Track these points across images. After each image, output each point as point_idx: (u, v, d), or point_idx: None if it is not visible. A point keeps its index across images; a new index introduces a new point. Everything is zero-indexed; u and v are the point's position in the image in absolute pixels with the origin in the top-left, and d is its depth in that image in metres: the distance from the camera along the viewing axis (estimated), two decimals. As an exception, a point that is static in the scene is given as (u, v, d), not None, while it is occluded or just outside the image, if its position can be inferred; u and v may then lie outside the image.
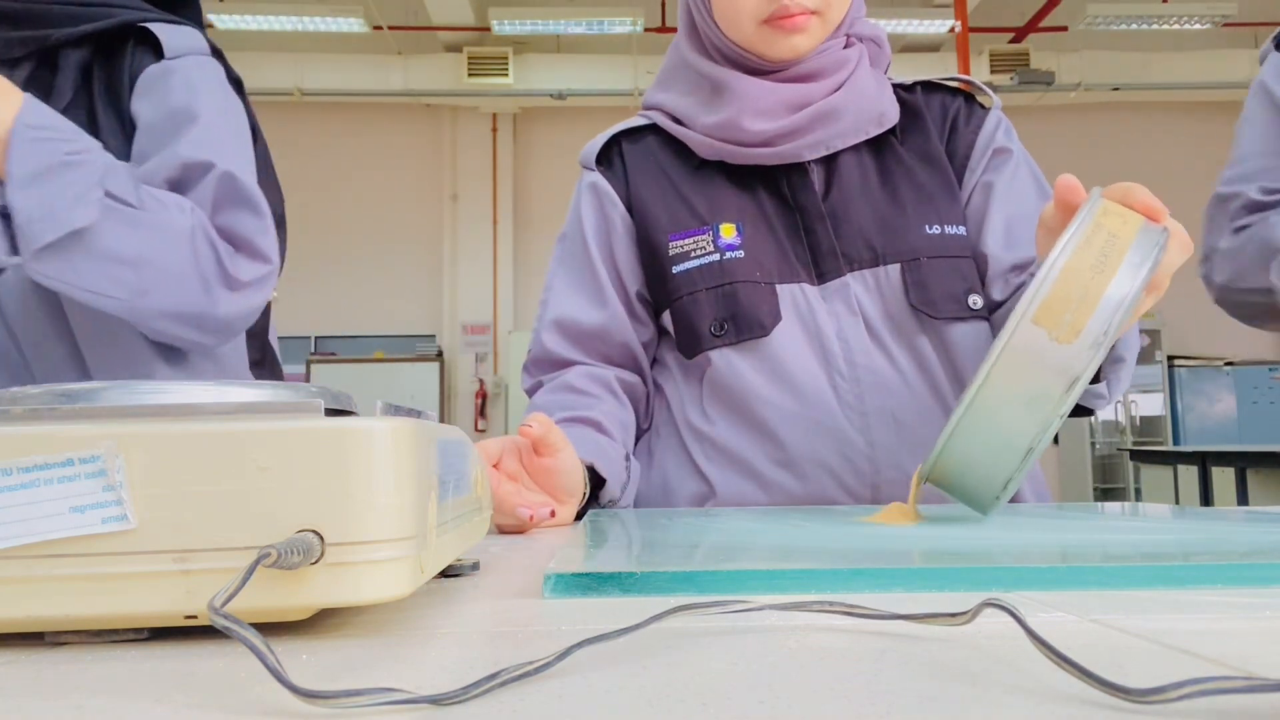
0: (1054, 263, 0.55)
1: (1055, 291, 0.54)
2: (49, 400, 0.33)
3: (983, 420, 0.56)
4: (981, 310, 0.92)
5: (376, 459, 0.31)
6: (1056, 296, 0.54)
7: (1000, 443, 0.56)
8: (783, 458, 0.88)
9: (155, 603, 0.30)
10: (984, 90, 1.00)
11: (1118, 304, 0.54)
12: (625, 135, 1.02)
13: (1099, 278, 0.54)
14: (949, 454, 0.58)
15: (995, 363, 0.54)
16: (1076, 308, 0.54)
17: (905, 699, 0.24)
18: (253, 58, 7.97)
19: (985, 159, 0.96)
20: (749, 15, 0.89)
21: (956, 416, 0.56)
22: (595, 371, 0.96)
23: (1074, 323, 0.53)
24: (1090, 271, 0.54)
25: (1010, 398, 0.55)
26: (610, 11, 7.43)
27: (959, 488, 0.60)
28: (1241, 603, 0.36)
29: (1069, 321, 0.53)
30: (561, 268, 1.01)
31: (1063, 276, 0.54)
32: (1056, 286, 0.54)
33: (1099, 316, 0.53)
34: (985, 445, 0.56)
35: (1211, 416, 7.77)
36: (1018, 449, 0.55)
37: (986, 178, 0.95)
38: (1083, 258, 0.55)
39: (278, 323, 1.25)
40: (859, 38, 0.97)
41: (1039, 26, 7.93)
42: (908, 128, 0.97)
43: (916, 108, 0.98)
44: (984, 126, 0.97)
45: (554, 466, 0.75)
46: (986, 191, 0.95)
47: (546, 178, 8.52)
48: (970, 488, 0.59)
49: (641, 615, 0.31)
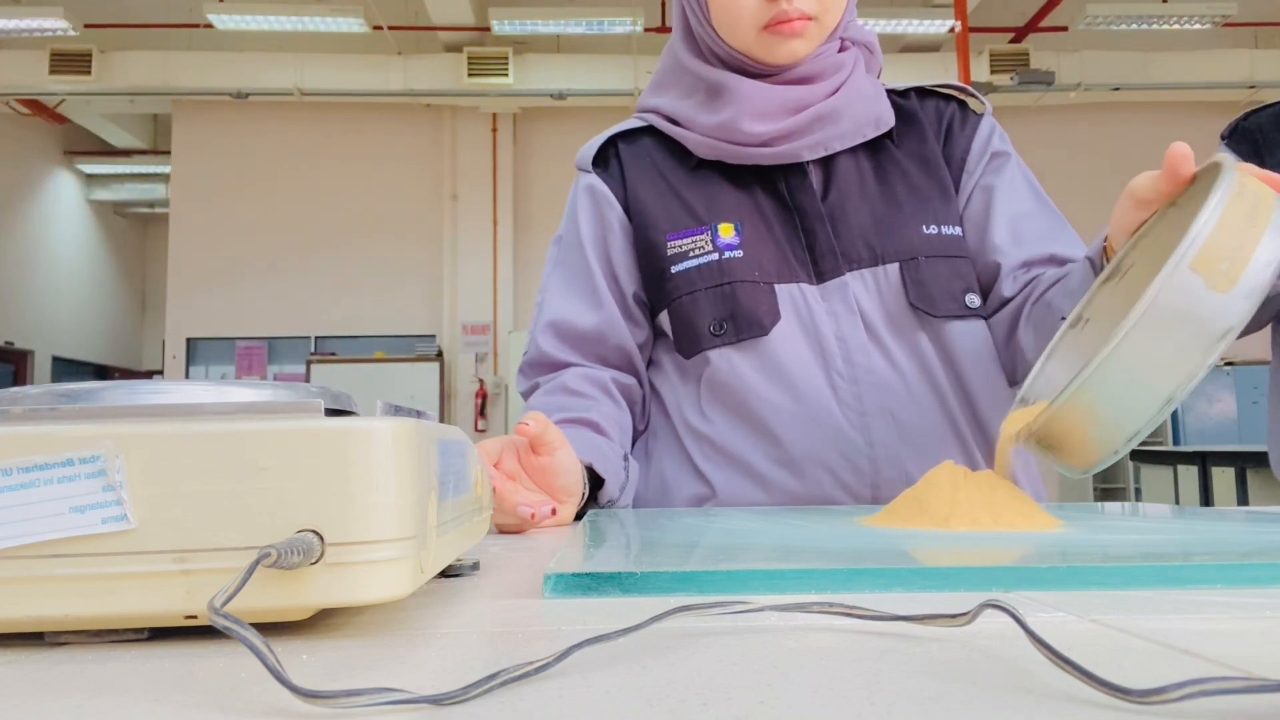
0: (1211, 212, 0.54)
1: (1213, 239, 0.54)
2: (49, 400, 0.33)
3: (1131, 360, 0.54)
4: (978, 310, 0.93)
5: (376, 459, 0.31)
6: (1214, 244, 0.54)
7: (1142, 387, 0.54)
8: (782, 456, 0.88)
9: (155, 603, 0.30)
10: (975, 96, 1.01)
11: (1270, 259, 0.54)
12: (621, 137, 1.02)
13: (1252, 231, 0.54)
14: (1083, 395, 0.56)
15: (1152, 303, 0.53)
16: (1233, 257, 0.53)
17: (905, 699, 0.24)
18: (253, 58, 7.98)
19: (983, 162, 0.97)
20: (748, 21, 0.90)
21: (1101, 357, 0.54)
22: (591, 373, 0.96)
23: (1230, 272, 0.53)
24: (1244, 224, 0.54)
25: (1161, 339, 0.54)
26: (610, 11, 7.43)
27: (1076, 438, 0.58)
28: (1241, 603, 0.36)
29: (1225, 271, 0.53)
30: (557, 270, 1.01)
31: (1220, 225, 0.54)
32: (1214, 235, 0.54)
33: (1253, 268, 0.53)
34: (1126, 388, 0.55)
35: (1211, 416, 7.77)
36: (1159, 395, 0.54)
37: (986, 180, 0.97)
38: (1236, 210, 0.55)
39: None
40: (853, 42, 0.98)
41: (1039, 26, 7.93)
42: (903, 131, 0.98)
43: (911, 112, 1.00)
44: (979, 131, 0.99)
45: (552, 465, 0.75)
46: (988, 193, 0.96)
47: (546, 178, 8.53)
48: (1092, 438, 0.57)
49: (641, 615, 0.31)
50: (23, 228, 9.82)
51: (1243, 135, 1.63)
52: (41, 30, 7.32)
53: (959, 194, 0.97)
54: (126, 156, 10.49)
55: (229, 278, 8.63)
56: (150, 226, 11.88)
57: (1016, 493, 0.60)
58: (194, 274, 8.63)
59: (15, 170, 9.67)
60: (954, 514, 0.58)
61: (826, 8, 0.91)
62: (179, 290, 8.70)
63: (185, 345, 8.67)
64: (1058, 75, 7.75)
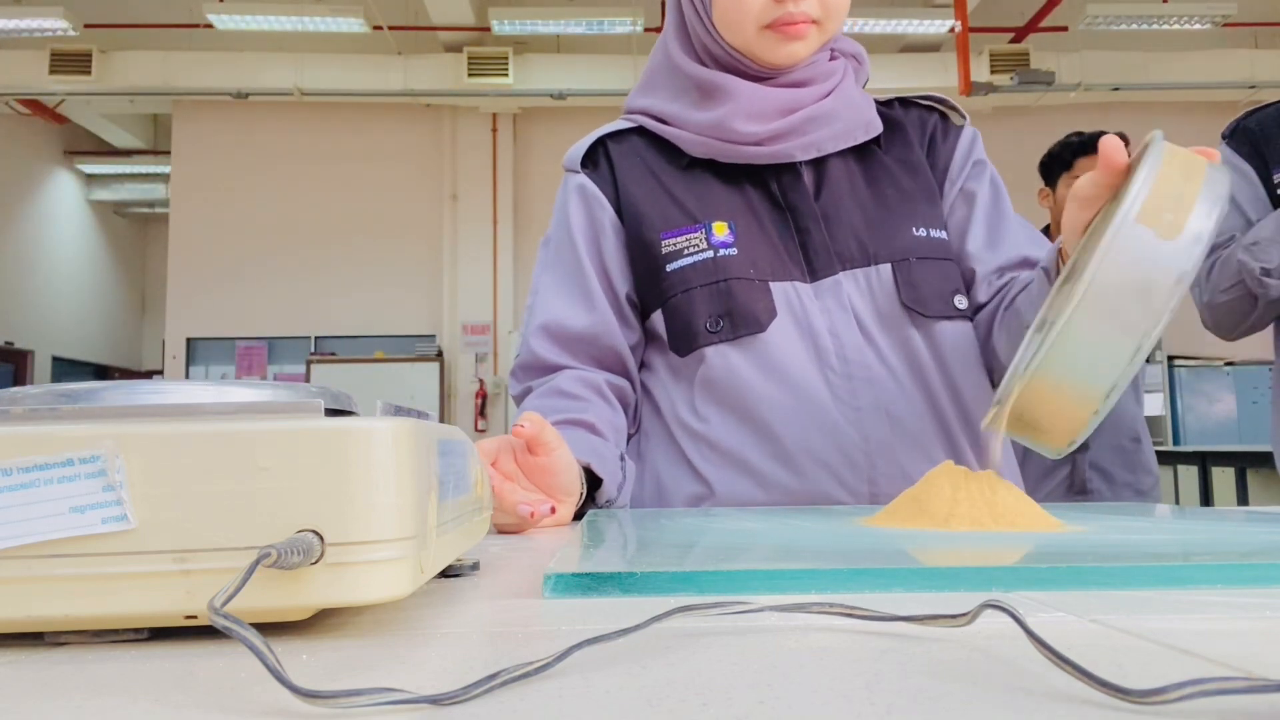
0: (1149, 170, 0.58)
1: (1154, 193, 0.57)
2: (49, 400, 0.33)
3: (1097, 312, 0.56)
4: (966, 311, 0.95)
5: (376, 459, 0.31)
6: (1156, 197, 0.57)
7: (1111, 338, 0.56)
8: (779, 453, 0.89)
9: (155, 603, 0.30)
10: (956, 109, 1.04)
11: (1211, 204, 0.57)
12: (610, 137, 1.03)
13: (1189, 185, 0.58)
14: (1058, 352, 0.58)
15: (1105, 256, 0.56)
16: (1175, 208, 0.57)
17: (905, 699, 0.24)
18: (253, 58, 7.97)
19: (965, 170, 1.00)
20: (752, 19, 0.90)
21: (1068, 314, 0.57)
22: (585, 375, 0.95)
23: (1175, 221, 0.57)
24: (1180, 179, 0.58)
25: (1122, 290, 0.56)
26: (610, 11, 7.43)
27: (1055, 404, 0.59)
28: (1241, 603, 0.36)
29: (1170, 220, 0.57)
30: (548, 272, 1.01)
31: (1160, 181, 0.58)
32: (1155, 189, 0.57)
33: (1197, 216, 0.57)
34: (1097, 342, 0.57)
35: (1211, 416, 7.76)
36: (1128, 345, 0.56)
37: (968, 186, 1.00)
38: (1172, 166, 0.59)
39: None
40: (841, 53, 1.01)
41: (1039, 26, 7.93)
42: (890, 139, 1.01)
43: (897, 121, 1.02)
44: (960, 141, 1.02)
45: (549, 465, 0.75)
46: (969, 200, 0.99)
47: (546, 178, 8.52)
48: (1071, 400, 0.58)
49: (641, 615, 0.31)
50: (23, 228, 9.82)
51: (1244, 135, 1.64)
52: (41, 30, 7.32)
53: (942, 199, 1.00)
54: (126, 156, 10.49)
55: (229, 278, 8.63)
56: (150, 226, 11.88)
57: (1017, 493, 0.60)
58: (194, 274, 8.63)
59: (15, 170, 9.67)
60: (954, 514, 0.58)
61: (829, 14, 0.92)
62: (179, 290, 8.70)
63: (185, 345, 8.67)
64: (1058, 75, 7.74)
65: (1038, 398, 0.59)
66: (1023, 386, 0.59)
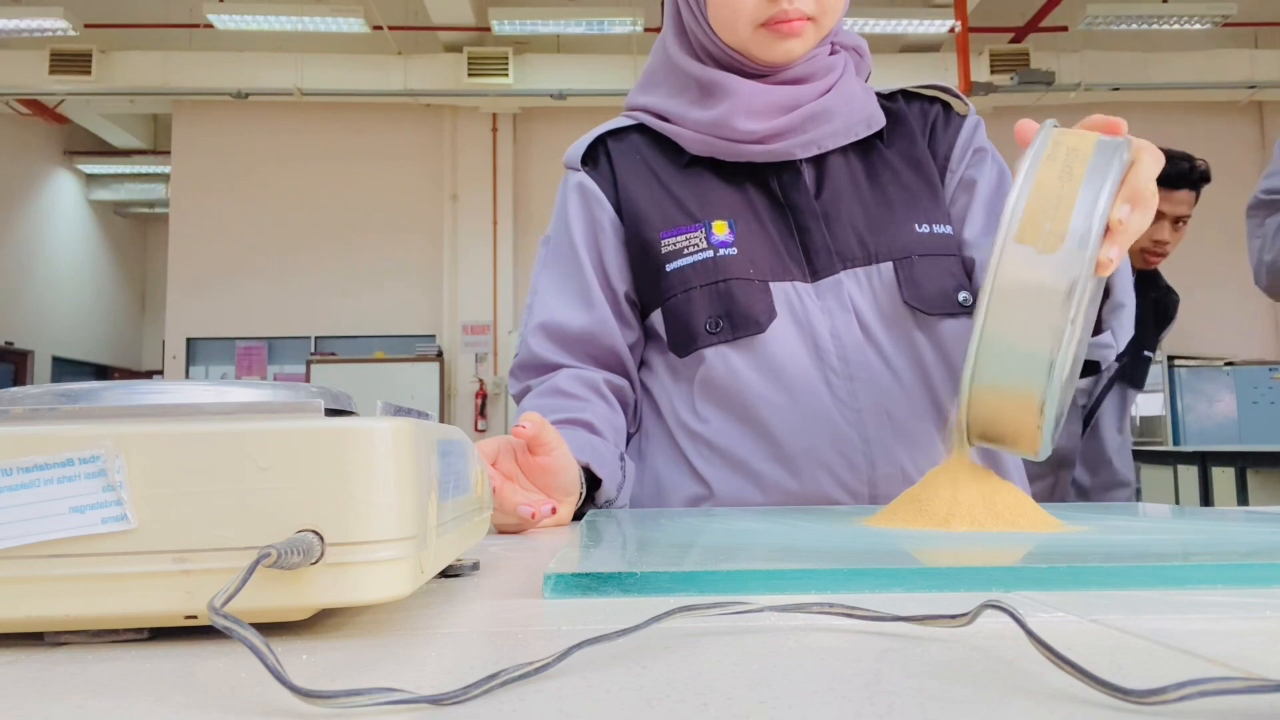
0: (1023, 182, 0.57)
1: (1030, 207, 0.56)
2: (49, 400, 0.33)
3: (998, 336, 0.56)
4: (970, 307, 0.94)
5: (376, 459, 0.31)
6: (1032, 211, 0.56)
7: (1022, 359, 0.56)
8: (779, 454, 0.89)
9: (155, 603, 0.30)
10: (959, 97, 1.03)
11: (1093, 203, 0.56)
12: (610, 135, 1.02)
13: (1069, 185, 0.56)
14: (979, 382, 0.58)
15: (992, 291, 0.56)
16: (1054, 215, 0.56)
17: (905, 699, 0.24)
18: (253, 58, 7.98)
19: (966, 158, 0.99)
20: (747, 18, 0.90)
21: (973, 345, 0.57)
22: (584, 374, 0.95)
23: (1055, 230, 0.55)
24: (1058, 181, 0.57)
25: (1016, 311, 0.56)
26: (610, 11, 7.43)
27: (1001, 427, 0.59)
28: (1241, 603, 0.36)
29: (1050, 230, 0.55)
30: (547, 271, 1.01)
31: (1034, 192, 0.56)
32: (1030, 202, 0.56)
33: (1078, 217, 0.55)
34: (1010, 364, 0.56)
35: (1211, 416, 7.76)
36: (1040, 361, 0.56)
37: (968, 174, 0.98)
38: (1048, 171, 0.57)
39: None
40: (842, 46, 1.00)
41: (1039, 26, 7.93)
42: (893, 132, 1.00)
43: (899, 114, 1.01)
44: (963, 129, 1.01)
45: (549, 465, 0.75)
46: (969, 188, 0.98)
47: (546, 178, 8.52)
48: (1014, 419, 0.58)
49: (641, 616, 0.31)
50: (23, 228, 9.82)
51: None
52: (41, 30, 7.32)
53: (944, 190, 0.99)
54: (126, 156, 10.49)
55: (229, 278, 8.63)
56: (150, 226, 11.88)
57: (1017, 493, 0.60)
58: (194, 274, 8.63)
59: (15, 170, 9.66)
60: (954, 514, 0.58)
61: (825, 10, 0.91)
62: (179, 290, 8.70)
63: (185, 345, 8.67)
64: (1058, 75, 7.74)
65: (982, 417, 0.60)
66: (966, 411, 0.59)
